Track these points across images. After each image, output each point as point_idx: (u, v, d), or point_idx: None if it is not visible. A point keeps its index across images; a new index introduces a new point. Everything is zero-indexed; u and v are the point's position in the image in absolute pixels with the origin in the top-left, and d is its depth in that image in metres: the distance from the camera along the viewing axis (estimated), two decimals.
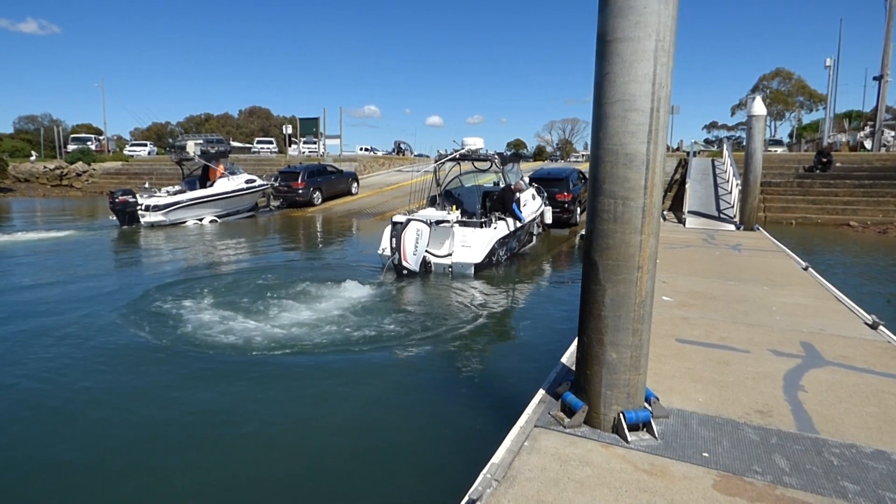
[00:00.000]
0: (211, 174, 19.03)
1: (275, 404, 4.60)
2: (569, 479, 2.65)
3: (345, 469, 3.73)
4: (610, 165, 2.87)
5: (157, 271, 10.15)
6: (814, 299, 6.21)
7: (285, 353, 5.56)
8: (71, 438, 4.12)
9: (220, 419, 4.37)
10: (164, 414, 4.47)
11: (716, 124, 70.86)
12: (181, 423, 4.33)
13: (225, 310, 7.06)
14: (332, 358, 5.49)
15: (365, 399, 4.72)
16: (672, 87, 2.85)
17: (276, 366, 5.29)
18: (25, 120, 58.72)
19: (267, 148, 45.20)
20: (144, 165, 35.55)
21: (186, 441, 4.08)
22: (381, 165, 33.89)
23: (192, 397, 4.76)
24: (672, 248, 9.72)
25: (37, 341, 6.10)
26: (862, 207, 18.19)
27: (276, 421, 4.34)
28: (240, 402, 4.63)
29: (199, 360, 5.46)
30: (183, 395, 4.80)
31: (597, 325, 3.05)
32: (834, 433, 3.11)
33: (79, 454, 3.91)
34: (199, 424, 4.32)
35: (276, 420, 4.36)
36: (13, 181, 32.51)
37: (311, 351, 5.64)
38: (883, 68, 26.41)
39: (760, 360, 4.25)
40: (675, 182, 22.60)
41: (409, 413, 4.53)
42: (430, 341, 6.04)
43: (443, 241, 9.56)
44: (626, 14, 2.70)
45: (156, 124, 62.41)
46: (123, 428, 4.25)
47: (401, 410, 4.57)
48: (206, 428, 4.27)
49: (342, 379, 5.06)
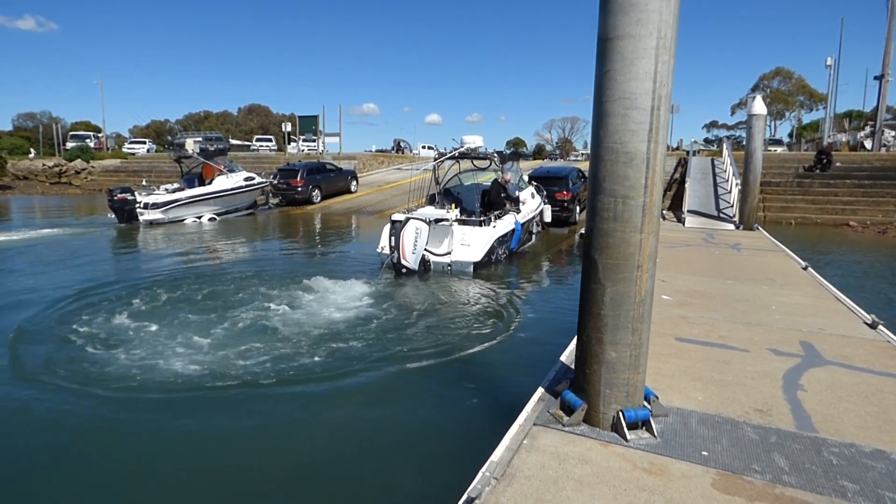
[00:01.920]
0: (207, 172, 18.98)
1: (273, 402, 4.60)
2: (568, 477, 2.64)
3: (343, 467, 3.73)
4: (610, 164, 2.86)
5: (136, 268, 10.14)
6: (813, 299, 6.21)
7: (283, 350, 5.55)
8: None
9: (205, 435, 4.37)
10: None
11: (716, 123, 70.96)
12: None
13: (213, 307, 7.06)
14: (328, 356, 5.48)
15: (362, 398, 4.71)
16: (673, 86, 2.84)
17: (275, 365, 5.27)
18: (24, 117, 58.71)
19: (266, 146, 45.13)
20: (143, 163, 35.50)
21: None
22: (380, 163, 33.87)
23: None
24: (672, 248, 9.71)
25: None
26: (862, 207, 18.19)
27: (273, 414, 4.34)
28: (235, 402, 4.63)
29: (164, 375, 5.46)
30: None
31: (596, 324, 3.04)
32: (833, 432, 3.11)
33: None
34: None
35: (274, 413, 4.35)
36: (12, 179, 32.44)
37: (307, 348, 5.63)
38: (884, 68, 26.41)
39: (760, 359, 4.25)
40: (674, 181, 22.59)
41: (407, 411, 4.52)
42: (428, 340, 6.03)
43: (442, 239, 9.55)
44: (627, 11, 2.69)
45: (155, 122, 62.35)
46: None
47: (399, 408, 4.56)
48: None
49: (339, 378, 5.05)
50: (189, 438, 4.10)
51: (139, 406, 4.51)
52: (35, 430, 4.24)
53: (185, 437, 4.12)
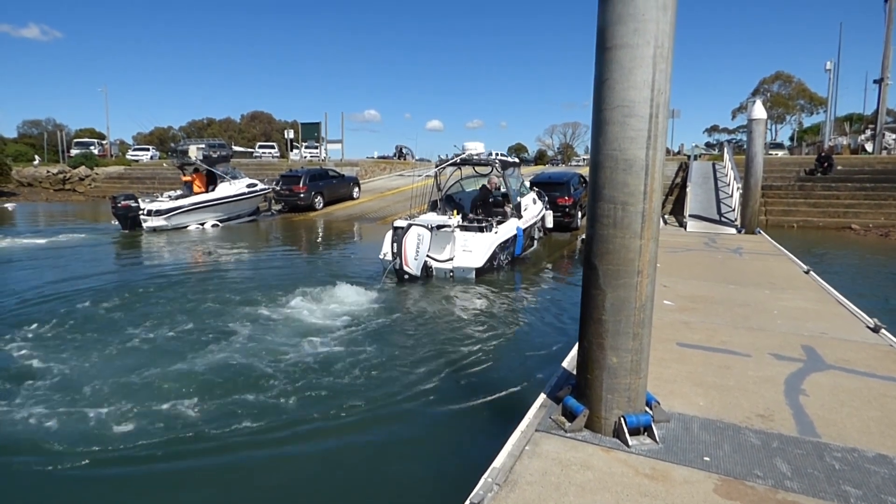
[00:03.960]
0: (196, 183, 18.80)
1: (272, 404, 4.61)
2: (570, 483, 2.65)
3: (345, 474, 3.73)
4: (609, 171, 2.89)
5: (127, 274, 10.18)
6: (815, 303, 6.20)
7: (287, 354, 5.57)
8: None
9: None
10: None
11: (716, 128, 71.03)
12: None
13: (217, 308, 7.09)
14: (330, 361, 5.50)
15: (364, 403, 4.72)
16: (671, 93, 2.86)
17: (277, 367, 5.29)
18: (29, 124, 59.27)
19: (269, 152, 45.28)
20: (147, 170, 35.66)
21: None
22: (382, 170, 33.95)
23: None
24: (673, 252, 9.71)
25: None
26: (863, 211, 18.17)
27: (278, 419, 4.35)
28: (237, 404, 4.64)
29: None
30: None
31: (597, 330, 3.06)
32: (836, 437, 3.11)
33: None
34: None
35: (279, 419, 4.36)
36: (17, 185, 32.64)
37: (309, 353, 5.65)
38: (883, 71, 26.42)
39: (762, 363, 4.25)
40: (675, 186, 22.60)
41: (409, 416, 4.53)
42: (429, 346, 6.04)
43: (444, 245, 9.57)
44: (624, 21, 2.72)
45: (158, 129, 62.68)
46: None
47: (401, 414, 4.56)
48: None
49: (340, 383, 5.06)
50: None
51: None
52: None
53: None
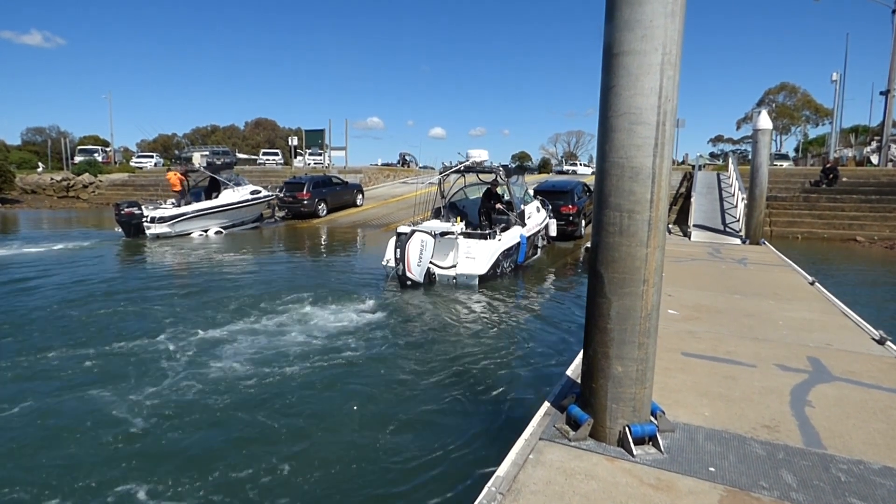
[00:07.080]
0: (172, 181, 18.40)
1: (273, 410, 4.59)
2: (574, 492, 2.63)
3: (348, 482, 3.71)
4: (616, 178, 2.88)
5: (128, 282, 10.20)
6: (820, 314, 6.17)
7: (289, 360, 5.56)
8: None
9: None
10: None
11: (721, 138, 70.91)
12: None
13: (223, 319, 7.09)
14: (331, 368, 5.49)
15: (367, 411, 4.70)
16: (678, 101, 2.86)
17: (278, 374, 5.28)
18: (33, 132, 59.62)
19: (273, 159, 45.48)
20: (150, 177, 35.79)
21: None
22: (385, 177, 34.05)
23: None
24: (678, 262, 9.69)
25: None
26: (869, 223, 18.12)
27: (279, 425, 4.33)
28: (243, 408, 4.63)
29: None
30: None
31: (602, 339, 3.04)
32: (841, 449, 3.08)
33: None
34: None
35: (274, 428, 4.35)
36: (20, 192, 32.79)
37: (313, 361, 5.63)
38: (890, 83, 26.40)
39: (767, 374, 4.22)
40: (680, 195, 22.60)
41: (411, 424, 4.50)
42: (432, 353, 6.02)
43: (447, 252, 9.58)
44: (632, 27, 2.72)
45: (162, 136, 63.07)
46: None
47: (405, 423, 4.54)
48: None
49: (343, 391, 5.05)
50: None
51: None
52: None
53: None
